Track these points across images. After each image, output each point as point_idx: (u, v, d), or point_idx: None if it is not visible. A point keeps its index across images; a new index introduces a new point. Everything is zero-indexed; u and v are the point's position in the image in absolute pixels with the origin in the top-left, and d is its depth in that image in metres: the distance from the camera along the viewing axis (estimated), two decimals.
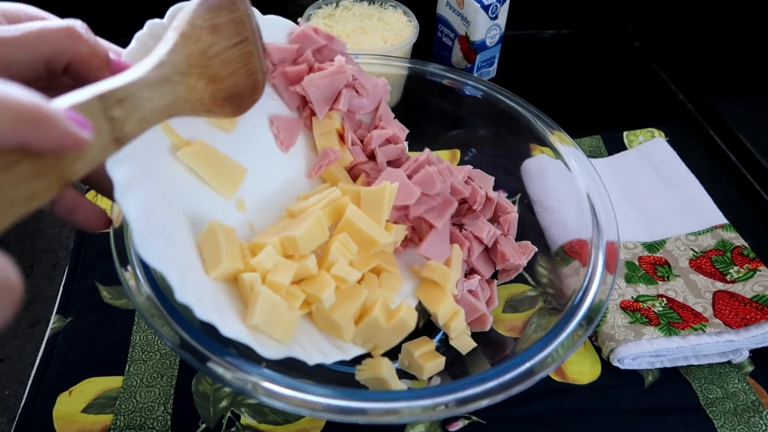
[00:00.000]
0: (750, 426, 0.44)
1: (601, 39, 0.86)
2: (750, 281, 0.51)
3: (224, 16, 0.32)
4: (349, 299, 0.38)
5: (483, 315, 0.46)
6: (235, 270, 0.35)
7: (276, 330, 0.35)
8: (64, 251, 0.55)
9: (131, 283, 0.37)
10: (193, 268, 0.34)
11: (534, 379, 0.35)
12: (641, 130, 0.68)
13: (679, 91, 0.77)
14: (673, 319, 0.49)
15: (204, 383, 0.45)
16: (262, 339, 0.34)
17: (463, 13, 0.69)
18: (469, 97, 0.52)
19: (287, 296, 0.36)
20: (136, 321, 0.49)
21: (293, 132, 0.45)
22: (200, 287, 0.33)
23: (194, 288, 0.32)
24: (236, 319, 0.34)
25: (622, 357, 0.47)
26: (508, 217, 0.49)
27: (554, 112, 0.51)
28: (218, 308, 0.33)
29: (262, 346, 0.34)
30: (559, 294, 0.44)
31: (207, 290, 0.34)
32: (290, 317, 0.36)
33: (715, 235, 0.56)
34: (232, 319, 0.33)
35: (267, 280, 0.35)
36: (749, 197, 0.64)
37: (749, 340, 0.47)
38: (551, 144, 0.48)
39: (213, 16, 0.32)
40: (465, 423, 0.44)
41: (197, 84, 0.31)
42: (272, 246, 0.36)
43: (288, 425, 0.43)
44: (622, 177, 0.62)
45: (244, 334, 0.33)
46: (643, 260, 0.54)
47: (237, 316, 0.34)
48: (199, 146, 0.38)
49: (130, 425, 0.42)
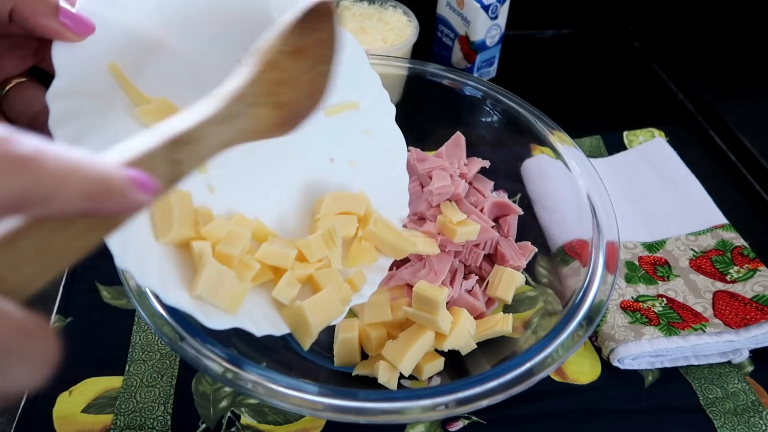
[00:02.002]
0: (750, 426, 0.44)
1: (601, 39, 0.86)
2: (750, 281, 0.51)
3: (311, 37, 0.30)
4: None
5: (482, 315, 0.46)
6: (185, 237, 0.34)
7: (222, 300, 0.34)
8: None
9: (131, 283, 0.37)
10: (140, 232, 0.33)
11: (534, 380, 0.35)
12: (641, 130, 0.68)
13: (679, 91, 0.77)
14: (673, 319, 0.49)
15: (204, 383, 0.45)
16: (206, 309, 0.33)
17: (463, 13, 0.69)
18: (469, 97, 0.52)
19: (240, 266, 0.35)
20: (136, 321, 0.49)
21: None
22: (145, 252, 0.32)
23: (137, 253, 0.31)
24: (181, 288, 0.33)
25: (622, 357, 0.47)
26: (508, 218, 0.50)
27: (554, 112, 0.51)
28: (162, 276, 0.32)
29: (206, 316, 0.33)
30: (560, 294, 0.44)
31: (153, 256, 0.33)
32: (238, 289, 0.35)
33: (715, 235, 0.56)
34: (175, 288, 0.33)
35: (216, 250, 0.35)
36: (749, 197, 0.64)
37: (749, 340, 0.47)
38: (551, 144, 0.48)
39: (300, 38, 0.29)
40: (465, 423, 0.44)
41: (264, 114, 0.29)
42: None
43: (288, 425, 0.43)
44: (622, 177, 0.62)
45: (187, 304, 0.32)
46: (643, 260, 0.54)
47: (183, 284, 0.33)
48: (159, 104, 0.35)
49: (130, 425, 0.42)
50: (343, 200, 0.42)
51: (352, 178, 0.44)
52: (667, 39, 0.85)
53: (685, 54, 0.82)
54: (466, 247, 0.47)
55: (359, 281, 0.40)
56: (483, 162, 0.51)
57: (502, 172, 0.53)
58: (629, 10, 0.87)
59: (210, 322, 0.33)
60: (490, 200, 0.49)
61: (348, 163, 0.44)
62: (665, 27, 0.86)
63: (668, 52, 0.83)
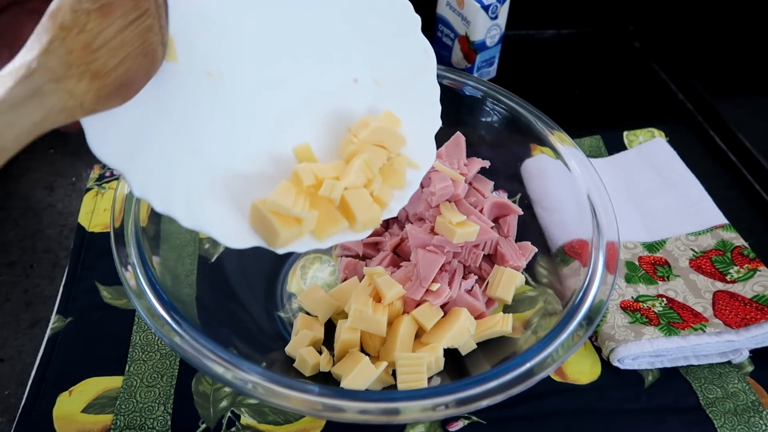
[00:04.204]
0: (750, 426, 0.44)
1: (601, 39, 0.86)
2: (750, 281, 0.51)
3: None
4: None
5: (482, 315, 0.46)
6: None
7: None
8: (64, 251, 0.55)
9: (131, 283, 0.37)
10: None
11: (534, 380, 0.35)
12: (641, 130, 0.68)
13: (679, 91, 0.77)
14: (673, 319, 0.49)
15: (204, 383, 0.45)
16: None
17: (463, 13, 0.69)
18: (469, 97, 0.52)
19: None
20: (136, 321, 0.49)
21: None
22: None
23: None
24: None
25: (622, 357, 0.47)
26: (508, 218, 0.50)
27: (554, 112, 0.51)
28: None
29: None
30: (560, 294, 0.44)
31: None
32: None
33: (715, 235, 0.56)
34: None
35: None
36: (749, 197, 0.64)
37: (749, 340, 0.47)
38: (551, 144, 0.48)
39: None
40: (465, 423, 0.44)
41: (77, 86, 0.25)
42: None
43: (288, 425, 0.43)
44: (622, 177, 0.62)
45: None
46: (643, 260, 0.54)
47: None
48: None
49: (130, 425, 0.42)
50: (383, 134, 0.39)
51: (379, 98, 0.41)
52: (667, 39, 0.85)
53: (685, 54, 0.82)
54: (466, 247, 0.47)
55: (386, 197, 0.39)
56: (483, 162, 0.51)
57: (502, 172, 0.53)
58: (629, 10, 0.87)
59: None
60: (490, 200, 0.49)
61: (373, 82, 0.41)
62: (665, 27, 0.86)
63: (668, 52, 0.83)
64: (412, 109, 0.41)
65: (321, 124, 0.39)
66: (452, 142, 0.51)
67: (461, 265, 0.48)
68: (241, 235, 0.34)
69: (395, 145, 0.39)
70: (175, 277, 0.41)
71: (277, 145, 0.37)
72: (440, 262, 0.45)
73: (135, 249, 0.39)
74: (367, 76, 0.41)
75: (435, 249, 0.46)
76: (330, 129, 0.40)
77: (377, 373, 0.40)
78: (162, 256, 0.42)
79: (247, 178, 0.35)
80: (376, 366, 0.41)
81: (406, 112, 0.41)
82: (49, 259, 0.55)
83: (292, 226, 0.34)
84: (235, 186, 0.35)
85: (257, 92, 0.37)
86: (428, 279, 0.44)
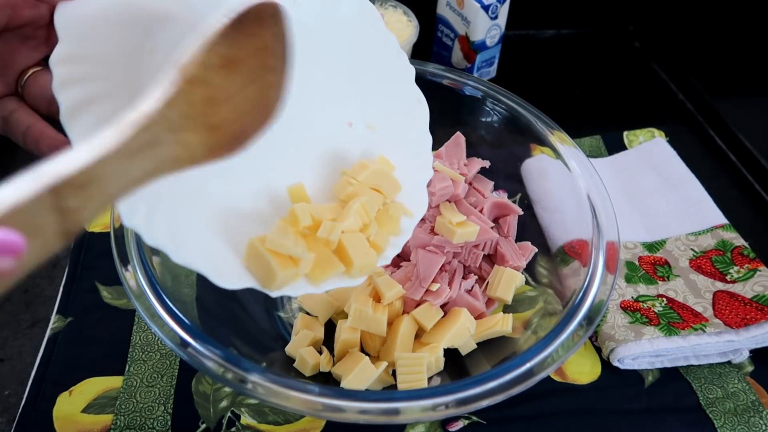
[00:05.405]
0: (750, 426, 0.44)
1: (601, 39, 0.86)
2: (750, 281, 0.51)
3: (248, 44, 0.25)
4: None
5: (482, 315, 0.46)
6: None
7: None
8: (64, 251, 0.55)
9: (131, 283, 0.37)
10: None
11: (534, 380, 0.35)
12: (641, 130, 0.68)
13: (679, 91, 0.77)
14: (673, 319, 0.49)
15: (204, 383, 0.45)
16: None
17: (463, 13, 0.69)
18: (469, 97, 0.52)
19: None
20: (136, 321, 0.49)
21: None
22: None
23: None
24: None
25: (622, 357, 0.47)
26: (508, 218, 0.50)
27: (554, 112, 0.51)
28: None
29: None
30: (560, 294, 0.44)
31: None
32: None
33: (715, 235, 0.56)
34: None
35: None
36: (749, 197, 0.64)
37: (749, 340, 0.47)
38: (551, 144, 0.48)
39: (232, 47, 0.25)
40: (465, 423, 0.44)
41: (192, 139, 0.24)
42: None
43: (288, 425, 0.43)
44: (622, 177, 0.62)
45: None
46: (643, 260, 0.54)
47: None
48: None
49: (130, 425, 0.42)
50: (381, 178, 0.39)
51: (373, 143, 0.42)
52: (667, 39, 0.85)
53: (685, 54, 0.82)
54: (466, 247, 0.47)
55: (382, 242, 0.38)
56: (483, 162, 0.51)
57: (502, 172, 0.53)
58: (629, 10, 0.87)
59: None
60: (490, 200, 0.49)
61: (367, 127, 0.42)
62: (665, 27, 0.86)
63: (668, 52, 0.83)
64: (404, 156, 0.41)
65: (314, 165, 0.40)
66: (452, 142, 0.51)
67: (461, 265, 0.48)
68: (234, 274, 0.33)
69: (391, 191, 0.40)
70: (175, 277, 0.41)
71: (270, 185, 0.37)
72: (440, 262, 0.45)
73: (135, 249, 0.39)
74: (361, 120, 0.42)
75: (435, 249, 0.46)
76: (323, 171, 0.40)
77: (377, 373, 0.40)
78: (162, 256, 0.42)
79: (240, 216, 0.35)
80: (376, 366, 0.41)
81: (400, 159, 0.41)
82: (49, 259, 0.55)
83: (289, 267, 0.33)
84: (229, 223, 0.34)
85: None
86: (428, 279, 0.44)
